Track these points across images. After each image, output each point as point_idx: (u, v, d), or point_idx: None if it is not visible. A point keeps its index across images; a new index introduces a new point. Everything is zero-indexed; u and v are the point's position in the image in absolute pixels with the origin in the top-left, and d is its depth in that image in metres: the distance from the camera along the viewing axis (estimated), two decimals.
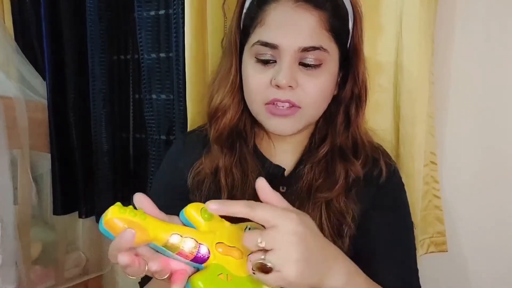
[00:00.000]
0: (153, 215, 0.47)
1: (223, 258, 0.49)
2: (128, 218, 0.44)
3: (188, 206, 0.50)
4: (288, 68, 0.61)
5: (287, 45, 0.61)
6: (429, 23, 0.79)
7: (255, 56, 0.64)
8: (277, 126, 0.65)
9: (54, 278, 1.29)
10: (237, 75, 0.69)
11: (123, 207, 0.45)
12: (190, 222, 0.50)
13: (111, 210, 0.45)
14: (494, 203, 0.86)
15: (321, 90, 0.64)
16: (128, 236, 0.43)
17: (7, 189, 1.08)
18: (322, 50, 0.62)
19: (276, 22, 0.62)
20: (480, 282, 0.89)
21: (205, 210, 0.50)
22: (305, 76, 0.63)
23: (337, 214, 0.66)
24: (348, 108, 0.70)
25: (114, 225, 0.44)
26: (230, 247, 0.50)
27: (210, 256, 0.48)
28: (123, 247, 0.44)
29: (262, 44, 0.62)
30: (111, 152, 1.18)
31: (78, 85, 1.19)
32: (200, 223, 0.50)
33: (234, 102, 0.70)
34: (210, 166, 0.69)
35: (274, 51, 0.62)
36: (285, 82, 0.61)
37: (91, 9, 1.11)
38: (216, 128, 0.71)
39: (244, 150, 0.70)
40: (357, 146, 0.71)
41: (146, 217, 0.46)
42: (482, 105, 0.85)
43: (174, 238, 0.46)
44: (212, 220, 0.50)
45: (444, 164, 0.88)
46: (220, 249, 0.49)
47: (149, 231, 0.45)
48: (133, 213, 0.45)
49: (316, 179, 0.68)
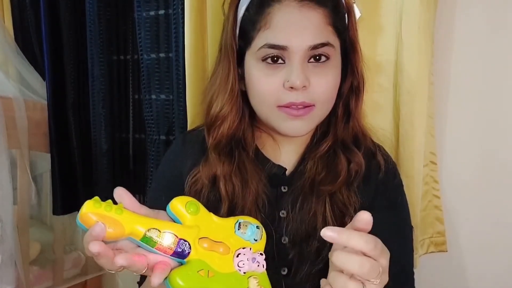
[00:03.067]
0: (133, 209, 0.47)
1: (206, 253, 0.48)
2: (101, 213, 0.45)
3: (174, 200, 0.50)
4: (300, 68, 0.61)
5: (296, 45, 0.61)
6: (429, 23, 0.79)
7: (262, 59, 0.63)
8: (292, 128, 0.65)
9: (53, 279, 1.29)
10: (236, 82, 0.68)
11: (99, 201, 0.46)
12: (175, 215, 0.49)
13: (86, 205, 0.45)
14: (493, 203, 0.86)
15: (331, 85, 0.65)
16: (98, 230, 0.44)
17: (6, 189, 1.07)
18: (330, 45, 0.63)
19: (283, 23, 0.62)
20: (479, 282, 0.89)
21: (190, 203, 0.50)
22: (315, 74, 0.63)
23: (340, 206, 0.67)
24: (348, 101, 0.70)
25: (88, 219, 0.44)
26: (216, 242, 0.50)
27: (191, 251, 0.48)
28: (93, 239, 0.44)
29: (270, 46, 0.62)
30: (111, 152, 1.18)
31: (78, 85, 1.19)
32: (185, 217, 0.49)
33: (233, 109, 0.69)
34: (207, 175, 0.69)
35: (283, 52, 0.62)
36: (300, 83, 0.60)
37: (91, 10, 1.11)
38: (214, 136, 0.70)
39: (243, 157, 0.69)
40: (358, 139, 0.71)
41: (122, 212, 0.46)
42: (482, 105, 0.85)
43: (151, 232, 0.46)
44: (198, 214, 0.50)
45: (444, 164, 0.88)
46: (205, 244, 0.49)
47: (124, 225, 0.45)
48: (108, 207, 0.45)
49: (319, 173, 0.68)
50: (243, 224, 0.53)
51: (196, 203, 0.51)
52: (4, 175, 1.07)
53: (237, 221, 0.53)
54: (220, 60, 0.71)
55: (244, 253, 0.51)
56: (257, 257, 0.51)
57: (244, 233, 0.52)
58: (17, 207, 1.15)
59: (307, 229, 0.66)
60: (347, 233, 0.45)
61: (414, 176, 0.82)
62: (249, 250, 0.51)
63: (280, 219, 0.68)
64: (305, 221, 0.66)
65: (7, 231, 1.05)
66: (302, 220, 0.66)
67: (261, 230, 0.54)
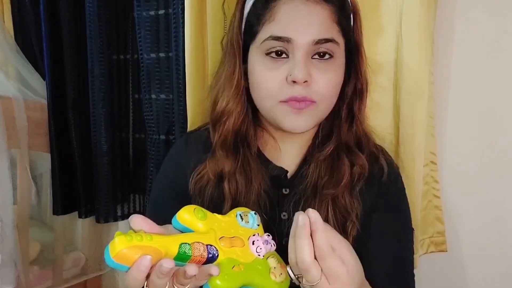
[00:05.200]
0: (155, 232, 0.46)
1: (230, 250, 0.51)
2: (137, 245, 0.42)
3: (180, 211, 0.50)
4: (303, 62, 0.61)
5: (300, 38, 0.61)
6: (429, 23, 0.79)
7: (265, 52, 0.63)
8: (294, 123, 0.64)
9: (53, 279, 1.29)
10: (241, 78, 0.68)
11: (127, 234, 0.43)
12: (186, 226, 0.50)
13: (118, 241, 0.42)
14: (493, 203, 0.86)
15: (334, 83, 0.65)
16: (146, 263, 0.42)
17: (6, 189, 1.07)
18: (334, 42, 0.63)
19: (288, 17, 0.62)
20: (479, 282, 0.89)
21: (198, 210, 0.51)
22: (318, 71, 0.63)
23: (342, 210, 0.67)
24: (351, 104, 0.70)
25: (126, 256, 0.42)
26: (231, 238, 0.52)
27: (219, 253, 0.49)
28: (142, 275, 0.42)
29: (274, 38, 0.62)
30: (111, 152, 1.18)
31: (78, 85, 1.19)
32: (197, 225, 0.50)
33: (238, 105, 0.69)
34: (213, 171, 0.69)
35: (287, 45, 0.62)
36: (302, 77, 0.60)
37: (91, 9, 1.11)
38: (220, 132, 0.70)
39: (248, 155, 0.69)
40: (361, 142, 0.71)
41: (152, 237, 0.44)
42: (482, 105, 0.85)
43: (184, 248, 0.46)
44: (207, 218, 0.51)
45: (444, 164, 0.88)
46: (223, 243, 0.50)
47: (160, 249, 0.44)
48: (139, 237, 0.43)
49: (322, 176, 0.68)
50: (244, 215, 0.56)
51: (201, 209, 0.52)
52: (4, 175, 1.07)
53: (237, 214, 0.56)
54: (225, 56, 0.71)
55: (257, 239, 0.55)
56: (267, 239, 0.57)
57: (248, 222, 0.56)
58: (17, 207, 1.15)
59: None
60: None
61: (414, 176, 0.82)
62: (258, 235, 0.55)
63: (281, 221, 0.68)
64: None
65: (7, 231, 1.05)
66: None
67: (258, 215, 0.58)
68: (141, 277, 0.43)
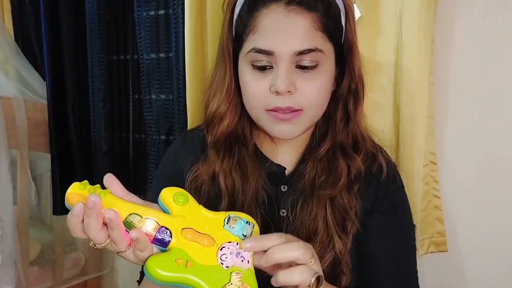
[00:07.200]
0: (121, 196, 0.49)
1: (188, 244, 0.49)
2: (85, 195, 0.47)
3: (163, 190, 0.52)
4: (285, 73, 0.61)
5: (282, 50, 0.61)
6: (429, 23, 0.79)
7: (251, 63, 0.64)
8: (281, 131, 0.65)
9: (53, 279, 1.29)
10: (232, 81, 0.69)
11: (86, 184, 0.48)
12: (164, 205, 0.51)
13: (72, 186, 0.48)
14: (494, 203, 0.86)
15: (320, 91, 0.64)
16: (77, 210, 0.46)
17: (6, 189, 1.07)
18: (318, 51, 0.62)
19: (269, 29, 0.62)
20: (479, 282, 0.89)
21: (179, 194, 0.51)
22: (302, 80, 0.62)
23: (341, 210, 0.66)
24: (347, 104, 0.70)
25: (72, 199, 0.47)
26: (201, 233, 0.50)
27: (173, 240, 0.48)
28: (74, 219, 0.47)
29: (257, 51, 0.62)
30: (111, 152, 1.18)
31: (78, 85, 1.19)
32: (173, 206, 0.51)
33: (230, 108, 0.69)
34: (207, 172, 0.69)
35: (270, 57, 0.62)
36: (284, 88, 0.60)
37: (91, 9, 1.11)
38: (213, 134, 0.70)
39: (243, 153, 0.70)
40: (357, 142, 0.71)
41: (106, 195, 0.48)
42: (482, 105, 0.85)
43: (132, 217, 0.48)
44: (186, 205, 0.51)
45: (444, 164, 0.88)
46: (190, 235, 0.49)
47: (104, 207, 0.46)
48: (92, 190, 0.48)
49: (319, 176, 0.68)
50: (232, 219, 0.53)
51: (185, 195, 0.52)
52: (4, 175, 1.07)
53: (227, 216, 0.53)
54: (218, 60, 0.72)
55: (228, 247, 0.50)
56: (243, 253, 0.50)
57: (233, 227, 0.52)
58: (17, 207, 1.16)
59: (308, 232, 0.66)
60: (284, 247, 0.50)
61: (414, 176, 0.82)
62: (235, 244, 0.51)
63: (280, 218, 0.68)
64: (305, 223, 0.66)
65: (7, 231, 1.05)
66: (302, 222, 0.66)
67: (252, 227, 0.53)
68: (73, 220, 0.47)
